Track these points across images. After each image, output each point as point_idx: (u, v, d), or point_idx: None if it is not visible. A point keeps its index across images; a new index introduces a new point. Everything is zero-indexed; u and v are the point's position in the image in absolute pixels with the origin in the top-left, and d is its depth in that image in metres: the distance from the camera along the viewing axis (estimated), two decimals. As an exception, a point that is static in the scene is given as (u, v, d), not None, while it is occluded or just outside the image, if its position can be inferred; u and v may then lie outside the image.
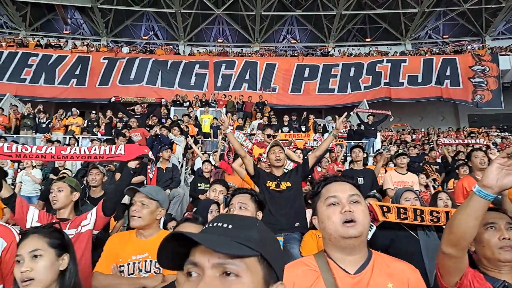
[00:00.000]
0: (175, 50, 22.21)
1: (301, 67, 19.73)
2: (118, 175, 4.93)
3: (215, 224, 0.85)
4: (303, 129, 13.07)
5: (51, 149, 3.16)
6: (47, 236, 1.66)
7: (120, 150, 3.11)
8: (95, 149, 3.19)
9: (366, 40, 24.49)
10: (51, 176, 7.57)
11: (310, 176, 5.53)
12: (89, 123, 12.54)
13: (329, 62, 20.24)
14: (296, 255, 3.42)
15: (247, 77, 19.33)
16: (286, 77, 19.49)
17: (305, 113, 14.75)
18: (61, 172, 6.75)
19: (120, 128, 10.13)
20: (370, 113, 12.52)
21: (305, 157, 4.49)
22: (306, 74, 19.55)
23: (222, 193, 3.96)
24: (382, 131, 15.07)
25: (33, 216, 2.84)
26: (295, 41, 25.23)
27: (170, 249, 0.82)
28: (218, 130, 12.00)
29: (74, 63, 18.66)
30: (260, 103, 15.79)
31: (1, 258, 1.91)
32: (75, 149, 3.20)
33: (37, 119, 12.47)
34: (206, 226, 0.86)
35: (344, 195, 1.47)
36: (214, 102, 15.65)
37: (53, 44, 20.30)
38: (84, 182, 5.63)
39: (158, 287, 2.16)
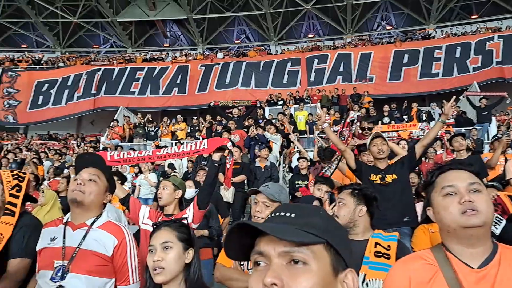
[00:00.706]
0: (266, 51, 22.52)
1: (399, 53, 18.60)
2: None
3: (278, 214, 0.85)
4: (406, 118, 12.28)
5: (148, 152, 3.54)
6: (176, 230, 1.77)
7: (204, 144, 3.30)
8: (183, 147, 3.44)
9: (472, 17, 22.22)
10: (161, 179, 8.09)
11: (417, 167, 5.14)
12: (191, 128, 13.25)
13: (431, 45, 18.74)
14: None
15: (341, 69, 18.80)
16: (383, 65, 18.52)
17: (406, 101, 13.86)
18: (170, 173, 7.24)
19: (220, 131, 10.50)
20: (482, 96, 11.32)
21: (411, 147, 4.16)
22: (405, 60, 18.37)
23: (327, 193, 3.87)
24: (497, 115, 13.54)
25: (144, 214, 3.05)
26: (390, 27, 23.91)
27: (237, 240, 0.83)
28: (314, 126, 11.84)
29: (175, 73, 19.94)
30: (355, 95, 15.23)
31: (113, 255, 2.04)
32: (167, 149, 3.52)
33: (146, 127, 13.54)
34: (270, 216, 0.87)
35: (463, 184, 1.33)
36: (308, 98, 15.48)
37: (156, 57, 21.96)
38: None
39: None
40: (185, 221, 1.91)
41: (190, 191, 4.06)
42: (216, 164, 3.05)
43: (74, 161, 2.73)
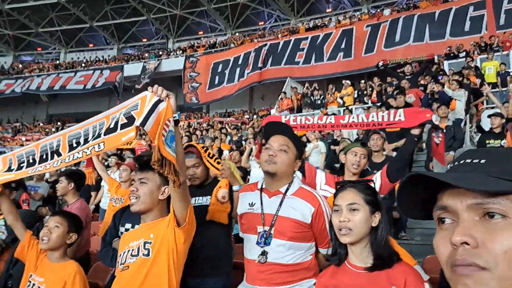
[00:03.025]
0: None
1: None
2: None
3: (462, 162, 0.71)
4: None
5: (330, 119, 3.29)
6: (363, 192, 1.72)
7: (400, 115, 2.89)
8: (373, 116, 3.10)
9: None
10: (332, 147, 7.89)
11: None
12: (359, 93, 12.61)
13: None
14: None
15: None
16: None
17: None
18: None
19: (391, 92, 9.63)
20: None
21: None
22: None
23: None
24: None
25: (321, 180, 2.98)
26: None
27: (412, 194, 0.72)
28: (508, 78, 9.93)
29: (339, 37, 19.25)
30: None
31: (311, 221, 2.06)
32: (353, 117, 3.20)
33: (313, 97, 13.45)
34: (452, 164, 0.73)
35: None
36: (498, 46, 13.05)
37: (318, 25, 21.60)
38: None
39: None
40: (371, 184, 1.84)
41: None
42: (416, 139, 2.81)
43: (264, 127, 2.71)
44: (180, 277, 2.05)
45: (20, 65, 30.43)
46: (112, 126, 1.88)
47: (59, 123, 26.80)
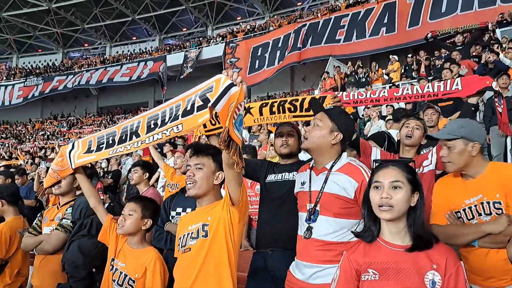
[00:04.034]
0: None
1: None
2: None
3: None
4: None
5: (384, 92, 3.25)
6: (405, 171, 1.71)
7: (457, 84, 2.85)
8: (428, 87, 3.06)
9: None
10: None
11: None
12: (406, 68, 12.22)
13: None
14: None
15: None
16: None
17: None
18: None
19: (440, 66, 9.26)
20: None
21: None
22: None
23: None
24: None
25: (376, 156, 2.97)
26: None
27: None
28: None
29: (381, 12, 18.56)
30: None
31: (355, 196, 2.06)
32: (408, 89, 3.20)
33: (357, 75, 13.17)
34: None
35: None
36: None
37: (359, 0, 20.93)
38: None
39: (507, 231, 1.95)
40: (412, 164, 1.81)
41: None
42: (473, 108, 2.74)
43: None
44: (238, 256, 2.13)
45: (70, 62, 31.84)
46: (188, 108, 1.95)
47: (109, 115, 27.99)
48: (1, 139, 26.62)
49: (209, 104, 1.82)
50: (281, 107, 3.18)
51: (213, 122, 3.08)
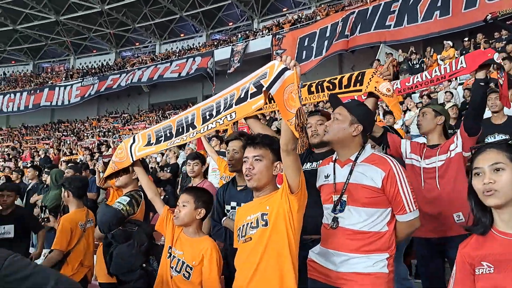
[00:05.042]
0: None
1: None
2: None
3: None
4: None
5: (396, 85, 3.37)
6: (505, 150, 1.60)
7: (461, 63, 2.88)
8: (435, 71, 3.13)
9: None
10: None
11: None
12: (463, 52, 11.59)
13: None
14: None
15: None
16: None
17: None
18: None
19: (500, 48, 8.71)
20: None
21: None
22: None
23: None
24: None
25: (406, 148, 3.07)
26: None
27: None
28: None
29: (434, -5, 17.72)
30: None
31: (383, 186, 2.07)
32: (417, 77, 3.28)
33: (410, 62, 12.69)
34: None
35: None
36: None
37: (410, -16, 20.08)
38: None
39: None
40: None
41: None
42: (482, 84, 2.70)
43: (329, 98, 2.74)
44: (299, 245, 2.12)
45: (122, 61, 33.13)
46: (242, 96, 1.98)
47: (160, 112, 28.87)
48: (63, 136, 28.26)
49: (264, 88, 1.83)
50: (319, 87, 3.18)
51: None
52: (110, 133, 25.72)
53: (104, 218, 2.95)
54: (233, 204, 3.01)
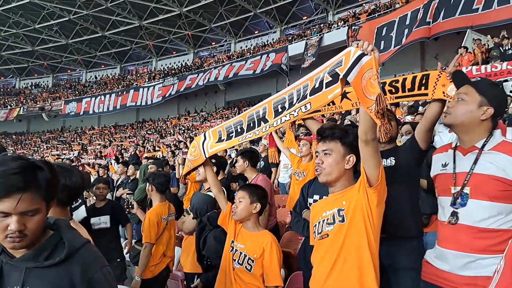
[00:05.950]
0: None
1: None
2: None
3: None
4: None
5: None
6: None
7: None
8: None
9: None
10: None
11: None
12: None
13: None
14: None
15: None
16: None
17: None
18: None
19: None
20: None
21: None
22: None
23: None
24: None
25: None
26: None
27: None
28: None
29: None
30: None
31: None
32: None
33: (501, 47, 11.60)
34: None
35: None
36: None
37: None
38: None
39: None
40: None
41: None
42: None
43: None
44: (379, 241, 2.01)
45: (199, 61, 34.39)
46: (317, 86, 1.91)
47: (236, 109, 29.50)
48: (147, 134, 30.07)
49: (341, 76, 1.75)
50: None
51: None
52: (189, 131, 26.83)
53: (200, 203, 3.20)
54: (316, 197, 2.99)
